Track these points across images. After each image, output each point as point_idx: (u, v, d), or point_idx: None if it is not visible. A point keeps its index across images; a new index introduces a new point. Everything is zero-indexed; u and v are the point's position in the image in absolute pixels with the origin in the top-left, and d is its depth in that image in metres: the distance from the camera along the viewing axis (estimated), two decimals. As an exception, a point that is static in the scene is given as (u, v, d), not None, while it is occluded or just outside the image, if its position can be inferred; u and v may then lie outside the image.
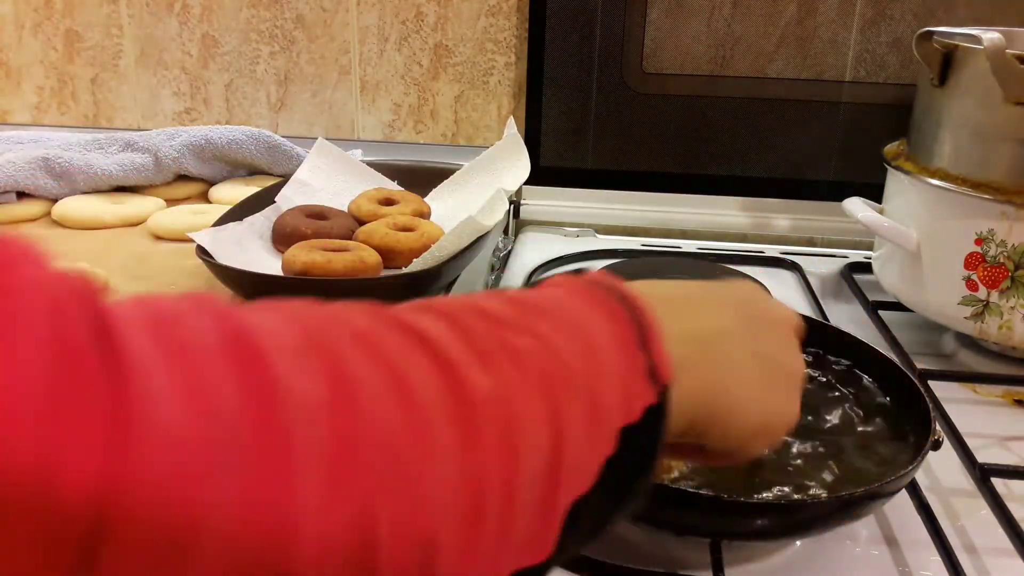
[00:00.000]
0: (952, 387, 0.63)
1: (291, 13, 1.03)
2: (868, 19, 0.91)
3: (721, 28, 0.93)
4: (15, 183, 0.84)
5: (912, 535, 0.48)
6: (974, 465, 0.52)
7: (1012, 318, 0.64)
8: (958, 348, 0.71)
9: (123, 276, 0.72)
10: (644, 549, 0.47)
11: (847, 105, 0.94)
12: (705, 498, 0.43)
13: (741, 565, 0.46)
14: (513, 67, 1.02)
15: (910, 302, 0.72)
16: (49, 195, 0.86)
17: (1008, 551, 0.46)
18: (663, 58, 0.95)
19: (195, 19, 1.05)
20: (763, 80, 0.94)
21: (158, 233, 0.82)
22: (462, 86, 1.03)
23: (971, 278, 0.65)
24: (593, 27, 0.94)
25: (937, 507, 0.50)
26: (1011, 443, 0.59)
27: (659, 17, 0.93)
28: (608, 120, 0.96)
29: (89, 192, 0.88)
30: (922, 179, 0.68)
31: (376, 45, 1.03)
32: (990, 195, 0.64)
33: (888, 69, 0.92)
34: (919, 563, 0.47)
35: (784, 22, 0.93)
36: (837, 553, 0.47)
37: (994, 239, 0.64)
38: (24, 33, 1.08)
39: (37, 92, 1.10)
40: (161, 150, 0.90)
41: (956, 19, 0.88)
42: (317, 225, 0.74)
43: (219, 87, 1.07)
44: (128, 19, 1.06)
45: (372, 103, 1.05)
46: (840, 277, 0.84)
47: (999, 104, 0.62)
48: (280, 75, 1.06)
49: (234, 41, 1.05)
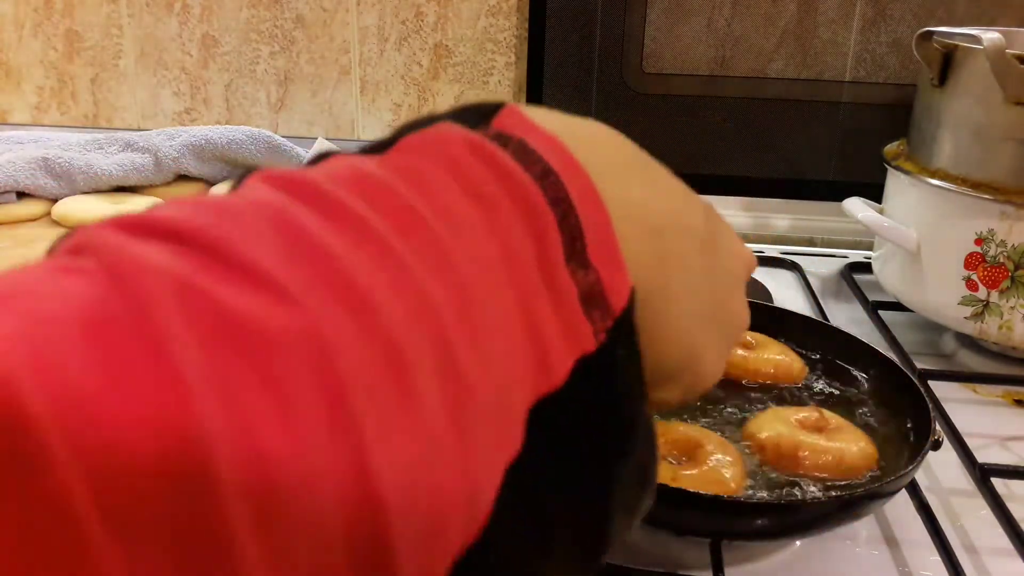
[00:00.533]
0: (952, 387, 0.63)
1: (291, 13, 1.03)
2: (868, 19, 0.91)
3: (721, 28, 0.93)
4: (15, 183, 0.84)
5: (912, 535, 0.48)
6: (974, 465, 0.52)
7: (1012, 318, 0.64)
8: (958, 348, 0.71)
9: (123, 276, 0.72)
10: (644, 549, 0.47)
11: (847, 105, 0.94)
12: (705, 498, 0.43)
13: (741, 565, 0.46)
14: (513, 67, 1.02)
15: (910, 302, 0.72)
16: (49, 195, 0.86)
17: (1008, 551, 0.46)
18: (663, 58, 0.95)
19: (195, 19, 1.05)
20: (763, 80, 0.94)
21: (158, 233, 0.82)
22: (462, 86, 1.03)
23: (971, 278, 0.65)
24: (593, 27, 0.94)
25: (937, 507, 0.50)
26: (1011, 443, 0.59)
27: (659, 17, 0.93)
28: (608, 120, 0.95)
29: (89, 192, 0.88)
30: (922, 179, 0.68)
31: (376, 45, 1.03)
32: (990, 195, 0.64)
33: (888, 69, 0.92)
34: (919, 563, 0.47)
35: (784, 22, 0.93)
36: (837, 553, 0.47)
37: (994, 239, 0.64)
38: (24, 33, 1.08)
39: (37, 92, 1.10)
40: (161, 150, 0.90)
41: (956, 19, 0.88)
42: (317, 225, 0.74)
43: (219, 87, 1.07)
44: (128, 19, 1.06)
45: (372, 103, 1.05)
46: (840, 277, 0.84)
47: (999, 104, 0.62)
48: (280, 75, 1.06)
49: (234, 41, 1.05)
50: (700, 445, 0.47)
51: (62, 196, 0.87)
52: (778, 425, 0.49)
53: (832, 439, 0.48)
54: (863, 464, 0.47)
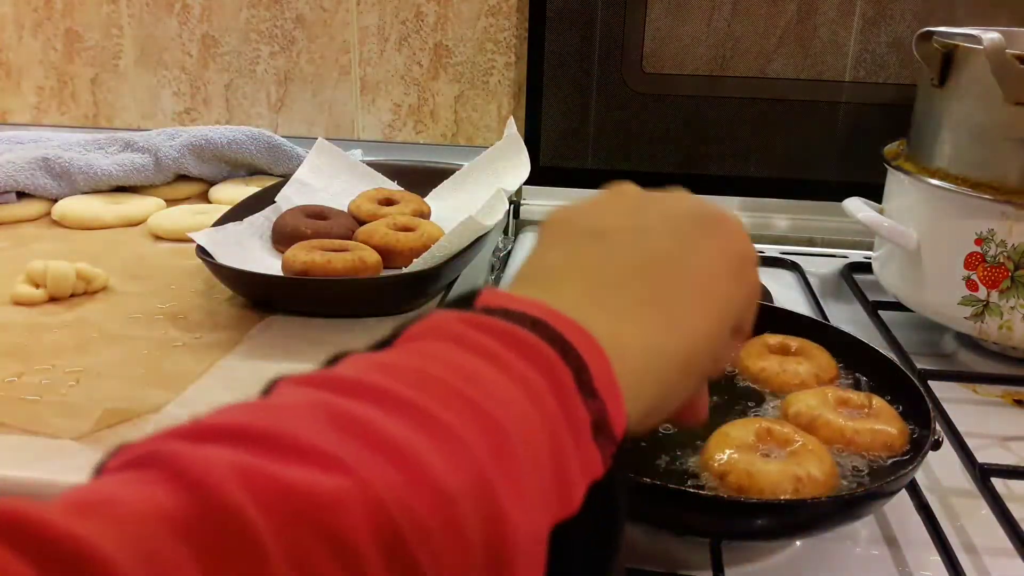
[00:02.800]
0: (952, 387, 0.63)
1: (291, 13, 1.03)
2: (868, 19, 0.91)
3: (721, 28, 0.93)
4: (15, 183, 0.84)
5: (912, 535, 0.48)
6: (974, 465, 0.52)
7: (1012, 318, 0.64)
8: (958, 348, 0.71)
9: (123, 276, 0.72)
10: (644, 549, 0.47)
11: (847, 105, 0.94)
12: (705, 498, 0.43)
13: (741, 565, 0.46)
14: (513, 67, 1.02)
15: (910, 302, 0.72)
16: (49, 195, 0.86)
17: (1008, 551, 0.46)
18: (663, 58, 0.95)
19: (195, 19, 1.05)
20: (763, 80, 0.94)
21: (158, 233, 0.82)
22: (462, 86, 1.03)
23: (971, 278, 0.65)
24: (593, 27, 0.94)
25: (937, 507, 0.50)
26: (1011, 443, 0.59)
27: (659, 17, 0.93)
28: (608, 120, 0.96)
29: (89, 192, 0.88)
30: (922, 179, 0.68)
31: (376, 45, 1.03)
32: (990, 195, 0.63)
33: (888, 69, 0.92)
34: (919, 563, 0.47)
35: (784, 22, 0.93)
36: (837, 553, 0.47)
37: (994, 239, 0.64)
38: (24, 33, 1.08)
39: (37, 92, 1.10)
40: (161, 150, 0.90)
41: (956, 19, 0.88)
42: (317, 225, 0.74)
43: (219, 87, 1.07)
44: (128, 19, 1.06)
45: (372, 103, 1.05)
46: (840, 277, 0.84)
47: (999, 104, 0.62)
48: (280, 75, 1.06)
49: (234, 41, 1.05)
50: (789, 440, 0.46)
51: (62, 196, 0.87)
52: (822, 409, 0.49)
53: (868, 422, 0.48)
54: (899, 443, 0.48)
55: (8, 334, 0.62)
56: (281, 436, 0.20)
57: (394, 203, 0.81)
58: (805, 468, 0.43)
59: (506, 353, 0.24)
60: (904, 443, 0.48)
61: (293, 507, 0.18)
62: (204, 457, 0.19)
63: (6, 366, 0.58)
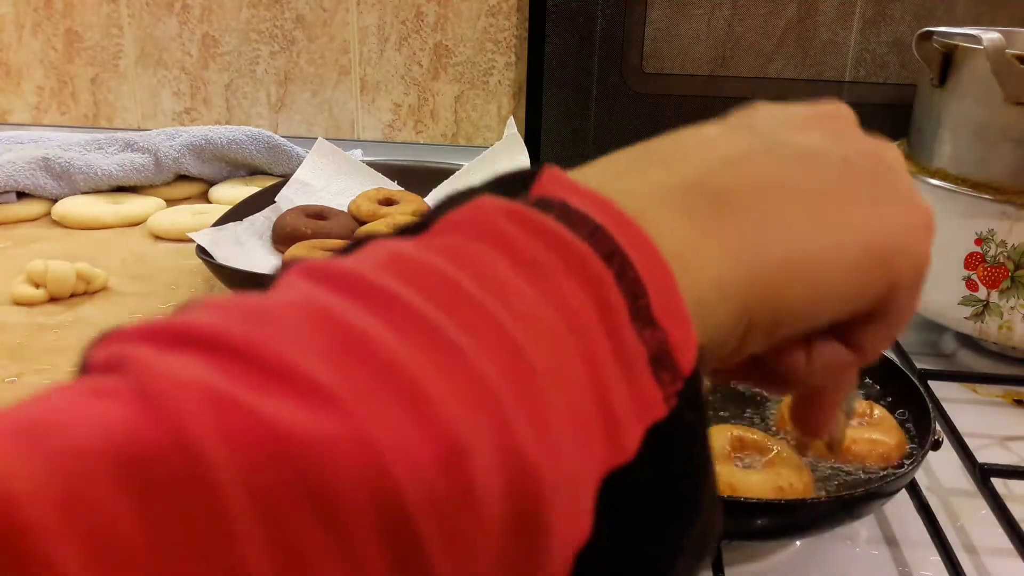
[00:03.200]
0: (952, 387, 0.63)
1: (291, 13, 1.03)
2: (868, 19, 0.91)
3: (721, 28, 0.93)
4: (15, 183, 0.84)
5: (912, 535, 0.48)
6: (974, 465, 0.52)
7: (1012, 318, 0.64)
8: (958, 348, 0.71)
9: (123, 276, 0.72)
10: (644, 549, 0.47)
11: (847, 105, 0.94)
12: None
13: (741, 565, 0.46)
14: (513, 67, 1.02)
15: (910, 302, 0.72)
16: (49, 195, 0.86)
17: (1008, 551, 0.46)
18: (663, 58, 0.95)
19: (195, 19, 1.05)
20: (763, 80, 0.94)
21: (158, 233, 0.82)
22: (462, 86, 1.03)
23: (971, 278, 0.65)
24: (593, 27, 0.94)
25: (937, 507, 0.50)
26: (1011, 443, 0.59)
27: (659, 17, 0.93)
28: (608, 120, 0.96)
29: (89, 192, 0.88)
30: (922, 179, 0.68)
31: (376, 45, 1.03)
32: (990, 195, 0.63)
33: (888, 69, 0.92)
34: (919, 563, 0.47)
35: (784, 22, 0.93)
36: (837, 553, 0.47)
37: (994, 239, 0.64)
38: (24, 33, 1.08)
39: (37, 92, 1.10)
40: (161, 150, 0.90)
41: (956, 19, 0.88)
42: (317, 225, 0.74)
43: (219, 87, 1.07)
44: (128, 19, 1.06)
45: (372, 103, 1.05)
46: (840, 277, 0.84)
47: (999, 104, 0.62)
48: (280, 75, 1.06)
49: (234, 41, 1.05)
50: (765, 448, 0.46)
51: (62, 196, 0.87)
52: None
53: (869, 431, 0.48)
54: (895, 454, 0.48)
55: (8, 334, 0.62)
56: (264, 354, 0.17)
57: (394, 203, 0.81)
58: (786, 478, 0.44)
59: (552, 265, 0.21)
60: (900, 456, 0.48)
61: (268, 451, 0.15)
62: (174, 376, 0.16)
63: (6, 366, 0.58)
